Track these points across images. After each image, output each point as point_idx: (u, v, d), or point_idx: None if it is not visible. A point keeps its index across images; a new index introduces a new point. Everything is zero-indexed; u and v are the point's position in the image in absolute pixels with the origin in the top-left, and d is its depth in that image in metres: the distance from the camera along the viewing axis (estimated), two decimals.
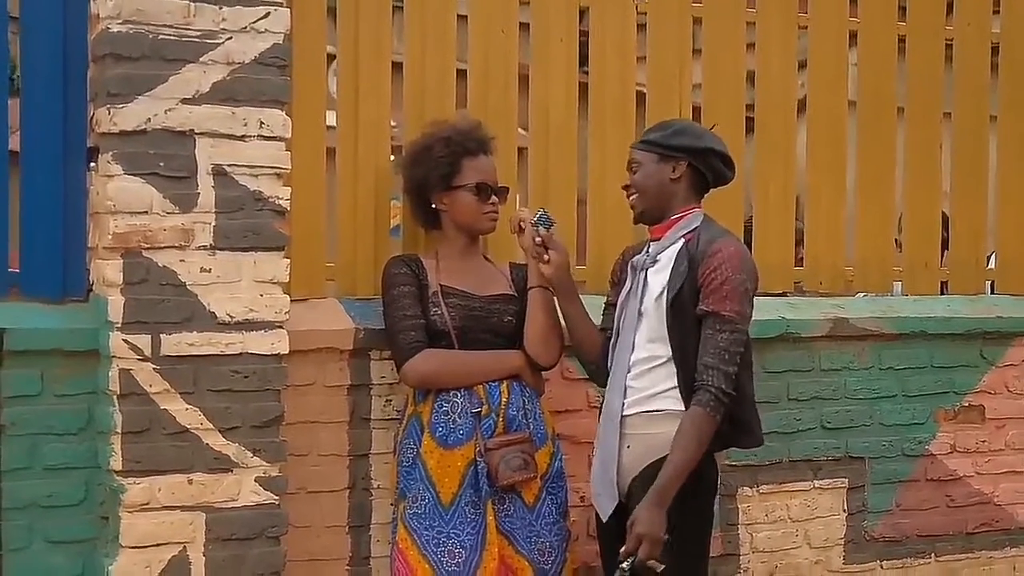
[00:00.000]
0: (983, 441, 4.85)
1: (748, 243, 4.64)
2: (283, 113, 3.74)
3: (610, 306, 3.78)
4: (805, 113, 4.78)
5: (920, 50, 4.91)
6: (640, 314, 3.60)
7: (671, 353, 3.54)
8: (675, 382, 3.53)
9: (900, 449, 4.73)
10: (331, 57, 4.06)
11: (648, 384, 3.57)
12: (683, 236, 3.61)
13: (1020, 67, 5.05)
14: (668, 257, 3.59)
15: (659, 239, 3.65)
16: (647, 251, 3.67)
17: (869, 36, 4.84)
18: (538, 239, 3.71)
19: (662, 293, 3.55)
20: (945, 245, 5.06)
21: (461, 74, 4.26)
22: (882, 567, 4.71)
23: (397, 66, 4.16)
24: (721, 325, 3.47)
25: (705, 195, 3.72)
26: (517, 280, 3.96)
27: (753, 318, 3.61)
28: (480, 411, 3.76)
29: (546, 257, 3.72)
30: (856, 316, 4.68)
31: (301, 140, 3.91)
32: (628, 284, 3.68)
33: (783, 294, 4.81)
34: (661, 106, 4.50)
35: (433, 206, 3.92)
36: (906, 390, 4.75)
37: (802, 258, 4.83)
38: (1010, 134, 5.05)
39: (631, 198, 3.69)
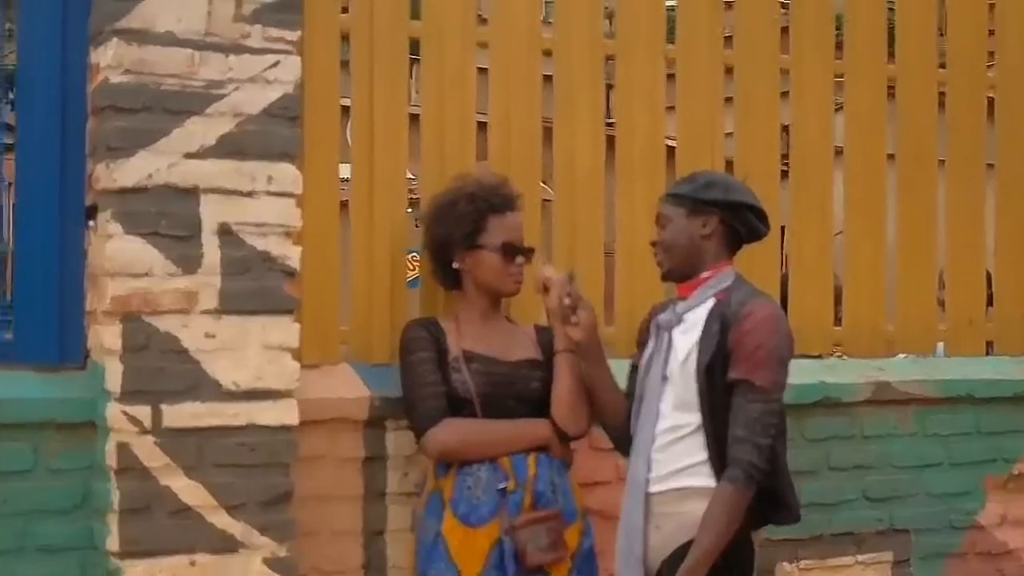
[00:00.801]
0: None
1: (783, 301, 4.42)
2: (293, 167, 3.52)
3: (635, 368, 3.54)
4: (843, 165, 4.55)
5: (961, 101, 4.70)
6: (665, 378, 3.37)
7: (701, 421, 3.30)
8: (705, 455, 3.30)
9: (947, 520, 4.49)
10: (345, 109, 3.83)
11: (676, 457, 3.33)
12: (713, 295, 3.38)
13: None
14: (697, 317, 3.37)
15: (687, 298, 3.42)
16: (674, 310, 3.43)
17: (908, 85, 4.63)
18: (567, 299, 3.46)
19: (689, 356, 3.32)
20: (990, 302, 4.82)
21: (482, 126, 4.04)
22: None
23: (414, 118, 3.93)
24: (753, 395, 3.25)
25: (738, 251, 3.50)
26: (543, 343, 3.72)
27: (790, 382, 3.40)
28: (506, 486, 3.52)
29: (574, 319, 3.48)
30: (899, 379, 4.44)
31: (313, 196, 3.69)
32: (652, 345, 3.44)
33: (820, 356, 4.57)
34: (692, 158, 4.27)
35: (455, 266, 3.68)
36: (952, 457, 4.50)
37: (840, 317, 4.59)
38: None
39: (659, 255, 3.47)
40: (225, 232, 3.43)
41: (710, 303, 3.36)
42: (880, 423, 4.40)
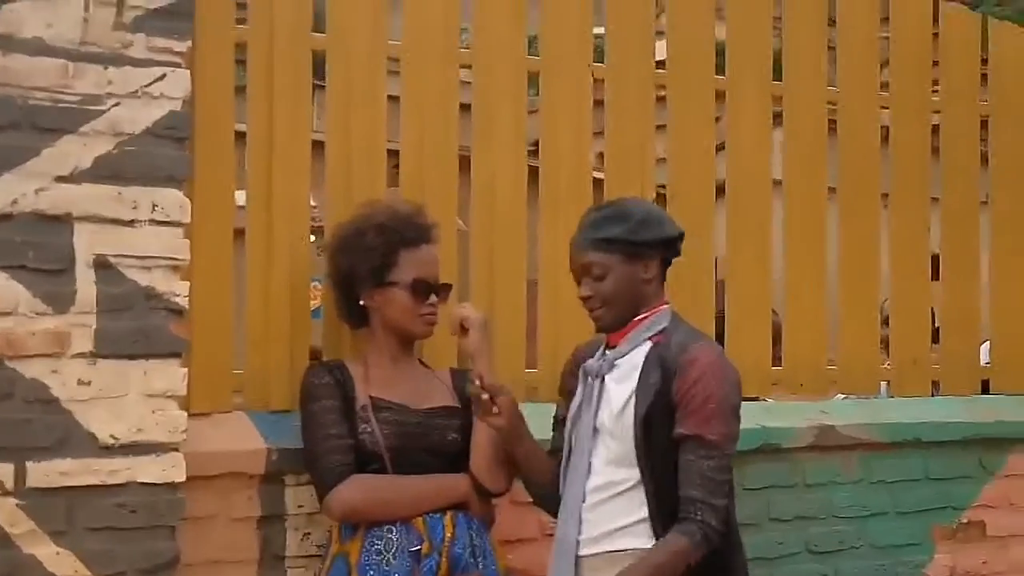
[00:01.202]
0: (984, 562, 4.32)
1: (719, 339, 4.12)
2: (181, 193, 3.16)
3: (560, 422, 3.19)
4: (782, 195, 4.26)
5: (905, 131, 4.43)
6: (596, 430, 3.04)
7: (640, 477, 2.97)
8: (644, 513, 2.97)
9: (894, 574, 4.20)
10: (240, 131, 3.46)
11: (610, 516, 3.00)
12: (649, 339, 3.05)
13: (1011, 148, 4.58)
14: (632, 363, 3.04)
15: (618, 345, 3.08)
16: (603, 355, 3.09)
17: (849, 115, 4.35)
18: (484, 394, 3.10)
19: (626, 407, 2.99)
20: (935, 338, 4.55)
21: (393, 154, 3.68)
22: None
23: (318, 143, 3.57)
24: (706, 451, 2.93)
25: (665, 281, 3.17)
26: (460, 389, 3.37)
27: None
28: (420, 549, 3.16)
29: (495, 410, 3.11)
30: (843, 423, 4.15)
31: (203, 225, 3.33)
32: (580, 395, 3.10)
33: (756, 398, 4.27)
34: (621, 185, 3.95)
35: (362, 303, 3.33)
36: (899, 506, 4.22)
37: (779, 357, 4.29)
38: (1003, 216, 4.57)
39: (596, 310, 3.07)
40: (102, 265, 3.07)
41: (646, 347, 3.04)
42: (823, 470, 4.11)
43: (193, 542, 3.21)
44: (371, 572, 3.14)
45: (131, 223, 3.09)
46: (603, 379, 3.04)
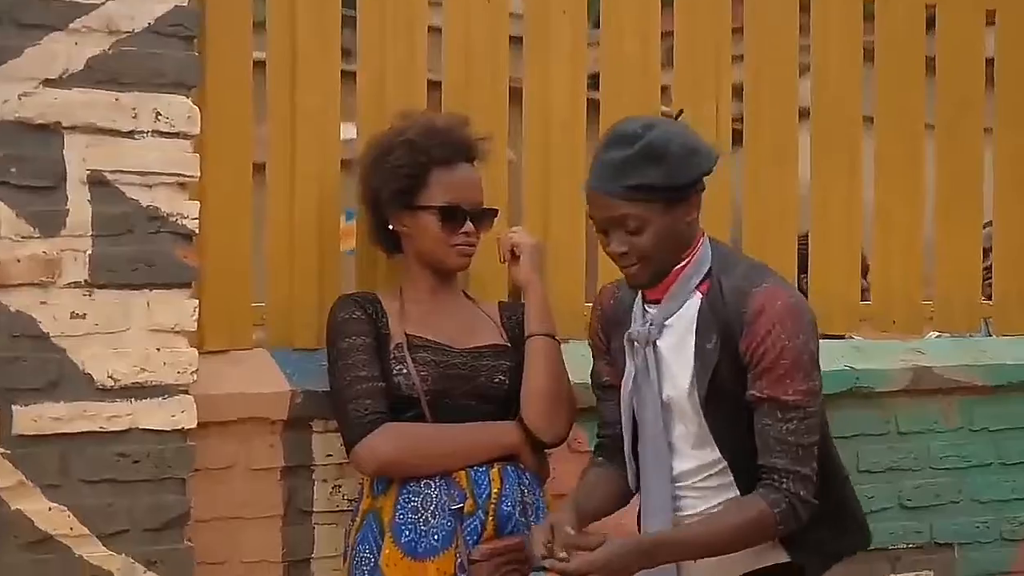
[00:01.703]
0: None
1: (804, 268, 3.71)
2: (188, 101, 2.77)
3: (606, 389, 2.72)
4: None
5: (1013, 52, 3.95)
6: (666, 405, 2.58)
7: (719, 456, 2.55)
8: (735, 494, 2.55)
9: (998, 532, 3.77)
10: (259, 25, 3.05)
11: (702, 504, 2.58)
12: (696, 290, 2.56)
13: None
14: (684, 323, 2.54)
15: (660, 300, 2.58)
16: (645, 315, 2.60)
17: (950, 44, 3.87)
18: (562, 553, 2.45)
19: (691, 381, 2.53)
20: None
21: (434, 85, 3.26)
22: None
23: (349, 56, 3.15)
24: (784, 412, 2.47)
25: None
26: (510, 325, 2.97)
27: None
28: (462, 507, 2.76)
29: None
30: (941, 364, 3.71)
31: (215, 137, 2.94)
32: (631, 365, 2.62)
33: (843, 336, 3.84)
34: (693, 95, 3.51)
35: (391, 227, 2.93)
36: (1004, 456, 3.78)
37: (867, 290, 3.85)
38: None
39: (632, 267, 2.53)
40: (98, 182, 2.70)
41: (695, 300, 2.54)
42: (918, 416, 3.68)
43: (206, 496, 2.86)
44: (406, 532, 2.75)
45: (131, 134, 2.71)
46: (655, 346, 2.57)
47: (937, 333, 4.16)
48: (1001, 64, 3.96)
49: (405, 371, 2.82)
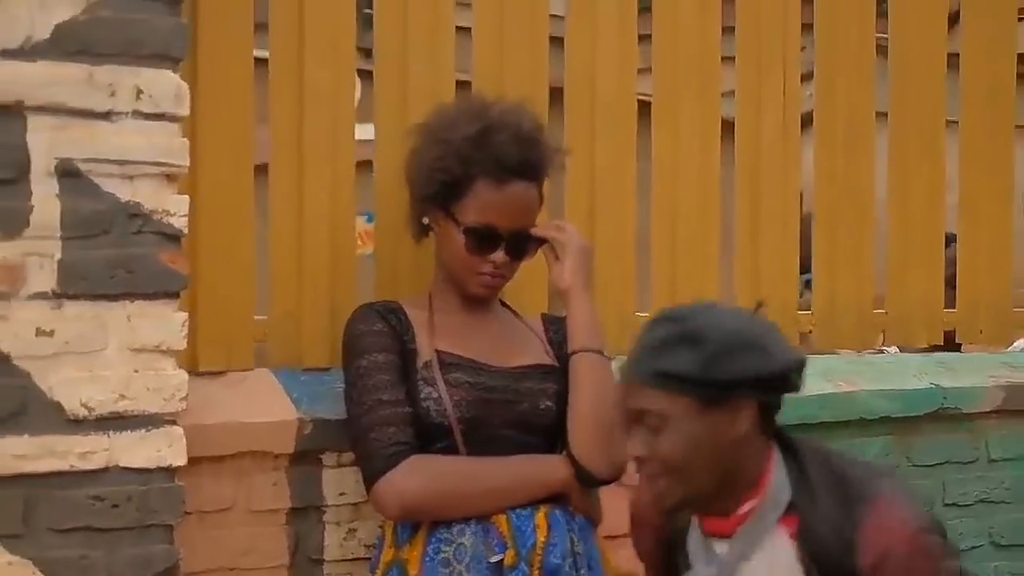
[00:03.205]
0: None
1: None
2: (176, 76, 2.35)
3: None
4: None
5: None
6: None
7: None
8: None
9: None
10: None
11: None
12: (778, 520, 2.04)
13: None
14: (768, 566, 2.04)
15: (729, 535, 2.06)
16: (709, 552, 2.09)
17: None
18: None
19: None
20: None
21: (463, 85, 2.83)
22: None
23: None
24: None
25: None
26: (557, 341, 2.54)
27: (895, 386, 2.84)
28: (502, 559, 2.33)
29: None
30: None
31: (209, 120, 2.53)
32: None
33: (931, 348, 3.45)
34: (763, 62, 3.11)
35: (425, 221, 2.53)
36: None
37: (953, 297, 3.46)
38: None
39: (657, 480, 2.03)
40: (68, 173, 2.28)
41: (780, 538, 2.03)
42: (1013, 441, 3.27)
43: (199, 544, 2.45)
44: None
45: (107, 115, 2.29)
46: None
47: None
48: None
49: (435, 394, 2.39)
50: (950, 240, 3.37)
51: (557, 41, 2.95)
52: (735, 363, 1.97)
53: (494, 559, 2.32)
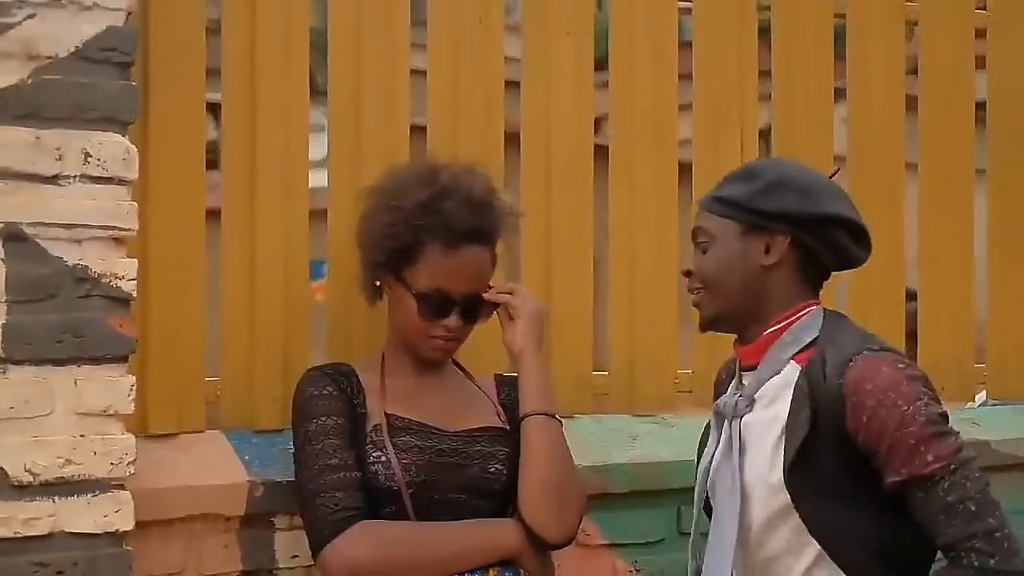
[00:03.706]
0: None
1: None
2: (125, 140, 2.33)
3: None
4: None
5: None
6: (743, 493, 2.18)
7: (820, 550, 2.13)
8: None
9: None
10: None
11: None
12: (792, 357, 2.20)
13: None
14: (777, 401, 2.18)
15: (754, 366, 2.24)
16: (738, 387, 2.27)
17: None
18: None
19: (774, 468, 2.15)
20: None
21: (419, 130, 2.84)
22: None
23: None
24: (933, 485, 2.04)
25: (822, 284, 2.29)
26: (509, 404, 2.52)
27: None
28: None
29: None
30: (999, 437, 3.26)
31: (158, 183, 2.52)
32: (714, 439, 2.27)
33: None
34: (714, 139, 3.08)
35: (378, 284, 2.52)
36: None
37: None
38: None
39: (697, 293, 2.28)
40: (14, 237, 2.25)
41: (792, 371, 2.19)
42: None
43: None
44: None
45: (54, 179, 2.27)
46: (741, 423, 2.21)
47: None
48: None
49: (384, 458, 2.38)
50: (910, 296, 3.37)
51: (514, 85, 2.95)
52: (778, 199, 2.21)
53: None
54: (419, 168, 2.54)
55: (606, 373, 3.00)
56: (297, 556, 2.55)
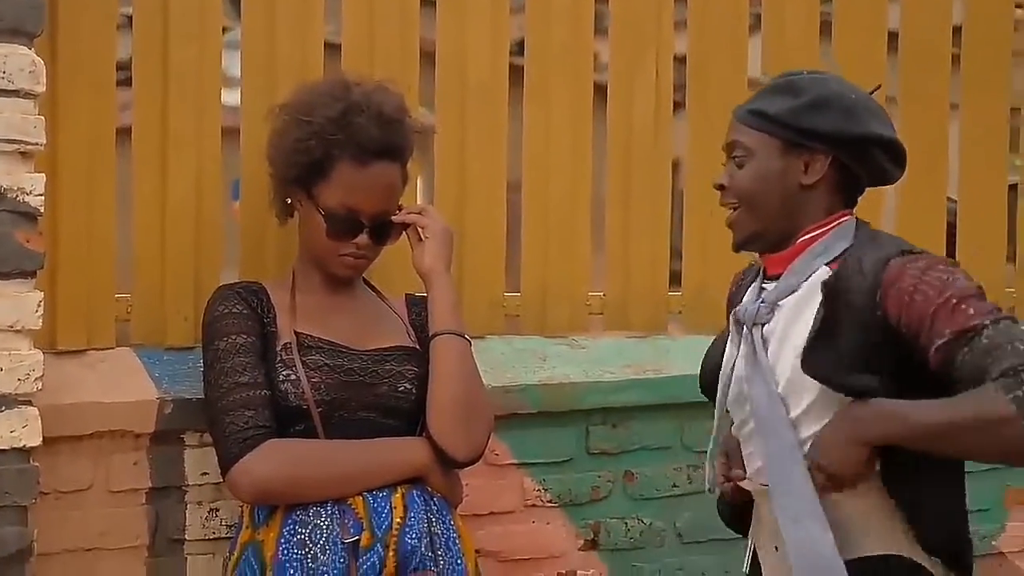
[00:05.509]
0: None
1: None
2: (31, 51, 2.30)
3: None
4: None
5: None
6: (780, 401, 2.14)
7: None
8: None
9: None
10: None
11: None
12: (825, 264, 2.16)
13: None
14: (802, 302, 2.15)
15: (781, 274, 2.20)
16: (759, 293, 2.23)
17: None
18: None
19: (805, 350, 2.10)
20: None
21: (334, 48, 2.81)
22: None
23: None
24: (978, 336, 2.01)
25: (857, 199, 2.26)
26: (419, 324, 2.54)
27: None
28: (358, 540, 2.33)
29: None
30: None
31: (67, 96, 2.48)
32: (732, 349, 2.24)
33: None
34: (632, 63, 3.08)
35: (288, 201, 2.52)
36: None
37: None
38: None
39: (729, 212, 2.22)
40: None
41: (821, 274, 2.15)
42: None
43: (55, 525, 2.42)
44: (292, 571, 2.31)
45: None
46: (763, 331, 2.16)
47: None
48: None
49: (293, 376, 2.39)
50: None
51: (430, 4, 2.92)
52: (821, 117, 2.15)
53: (349, 540, 2.32)
54: (330, 84, 2.53)
55: (519, 295, 3.02)
56: (207, 473, 2.56)
